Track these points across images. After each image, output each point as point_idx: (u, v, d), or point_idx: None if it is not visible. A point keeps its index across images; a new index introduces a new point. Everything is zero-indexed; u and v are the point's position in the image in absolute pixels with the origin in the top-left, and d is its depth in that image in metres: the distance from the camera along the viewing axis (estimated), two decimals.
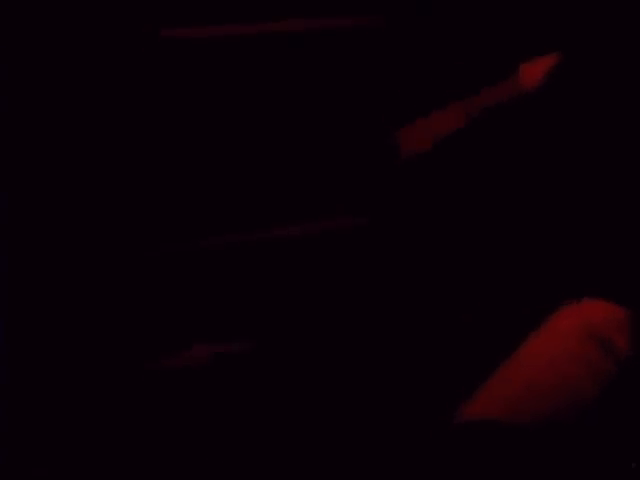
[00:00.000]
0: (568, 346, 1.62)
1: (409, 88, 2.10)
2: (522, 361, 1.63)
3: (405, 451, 1.66)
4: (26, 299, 1.92)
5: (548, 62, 1.95)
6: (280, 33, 2.11)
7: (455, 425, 1.54)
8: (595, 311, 1.67)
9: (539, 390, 1.57)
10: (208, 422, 2.00)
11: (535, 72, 1.96)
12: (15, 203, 1.92)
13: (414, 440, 1.66)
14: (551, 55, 1.96)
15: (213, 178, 2.10)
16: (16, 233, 1.91)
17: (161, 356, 2.02)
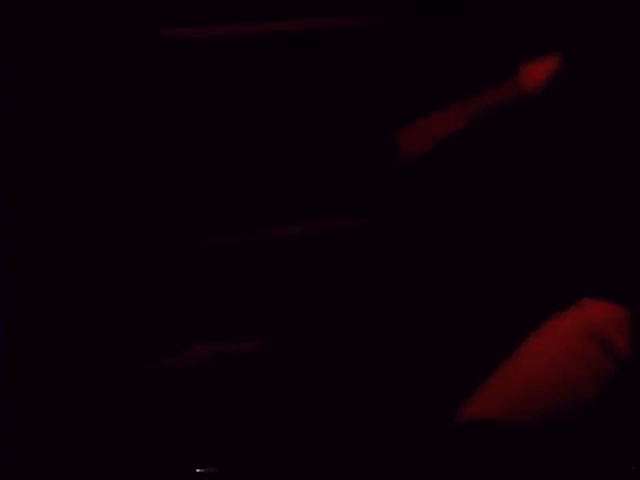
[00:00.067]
0: (568, 346, 1.62)
1: (409, 88, 2.10)
2: (522, 361, 1.63)
3: (405, 451, 1.66)
4: (26, 299, 1.92)
5: (549, 63, 1.95)
6: (280, 33, 2.11)
7: (455, 425, 1.55)
8: (595, 311, 1.67)
9: (539, 390, 1.57)
10: (208, 422, 2.00)
11: (536, 73, 1.96)
12: (15, 203, 1.92)
13: (414, 440, 1.66)
14: (552, 56, 1.96)
15: (213, 178, 2.10)
16: (16, 233, 1.91)
17: (161, 356, 2.02)
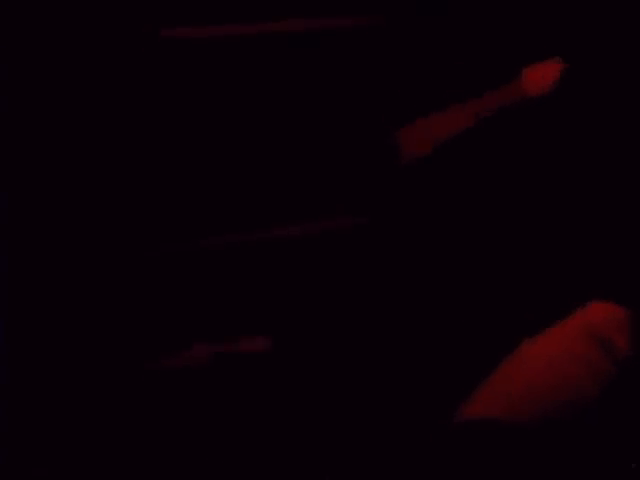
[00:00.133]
0: (568, 346, 1.62)
1: (409, 88, 2.10)
2: (522, 361, 1.63)
3: (405, 451, 1.66)
4: (26, 299, 1.92)
5: (551, 67, 1.95)
6: (280, 33, 2.11)
7: (455, 425, 1.55)
8: (595, 311, 1.67)
9: (539, 390, 1.57)
10: (208, 422, 2.00)
11: (537, 76, 1.96)
12: (15, 203, 1.92)
13: (414, 440, 1.66)
14: (554, 60, 1.96)
15: (213, 178, 2.10)
16: (16, 233, 1.91)
17: (161, 356, 2.02)
